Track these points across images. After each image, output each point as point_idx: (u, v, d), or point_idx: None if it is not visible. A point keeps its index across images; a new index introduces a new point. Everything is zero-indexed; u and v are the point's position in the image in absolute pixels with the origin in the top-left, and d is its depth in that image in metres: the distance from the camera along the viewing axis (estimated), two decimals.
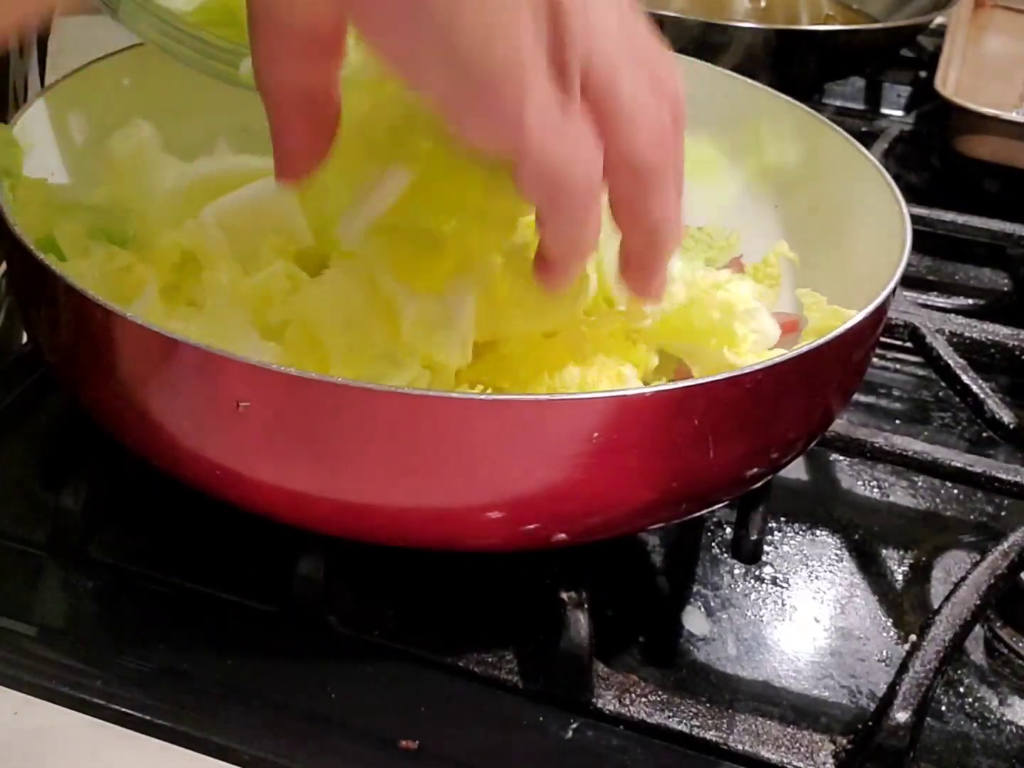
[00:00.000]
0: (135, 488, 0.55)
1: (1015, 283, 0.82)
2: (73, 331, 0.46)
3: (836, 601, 0.55)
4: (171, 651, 0.48)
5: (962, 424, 0.69)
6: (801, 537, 0.59)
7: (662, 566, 0.56)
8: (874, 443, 0.58)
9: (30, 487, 0.57)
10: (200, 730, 0.45)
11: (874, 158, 0.60)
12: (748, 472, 0.48)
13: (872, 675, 0.51)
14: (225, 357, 0.41)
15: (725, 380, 0.43)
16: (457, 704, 0.48)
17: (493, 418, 0.41)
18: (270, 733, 0.45)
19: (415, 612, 0.51)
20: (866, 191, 0.59)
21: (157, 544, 0.54)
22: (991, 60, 1.04)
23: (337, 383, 0.41)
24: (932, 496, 0.63)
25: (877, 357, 0.73)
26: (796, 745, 0.46)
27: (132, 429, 0.47)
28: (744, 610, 0.54)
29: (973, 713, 0.50)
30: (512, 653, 0.49)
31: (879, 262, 0.54)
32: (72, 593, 0.51)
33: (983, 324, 0.67)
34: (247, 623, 0.50)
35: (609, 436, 0.41)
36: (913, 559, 0.58)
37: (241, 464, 0.44)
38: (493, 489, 0.43)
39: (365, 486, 0.43)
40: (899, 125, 1.01)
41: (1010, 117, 0.86)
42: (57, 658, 0.48)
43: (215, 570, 0.52)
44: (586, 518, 0.45)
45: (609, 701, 0.47)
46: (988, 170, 0.88)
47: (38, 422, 0.60)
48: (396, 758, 0.45)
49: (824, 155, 0.62)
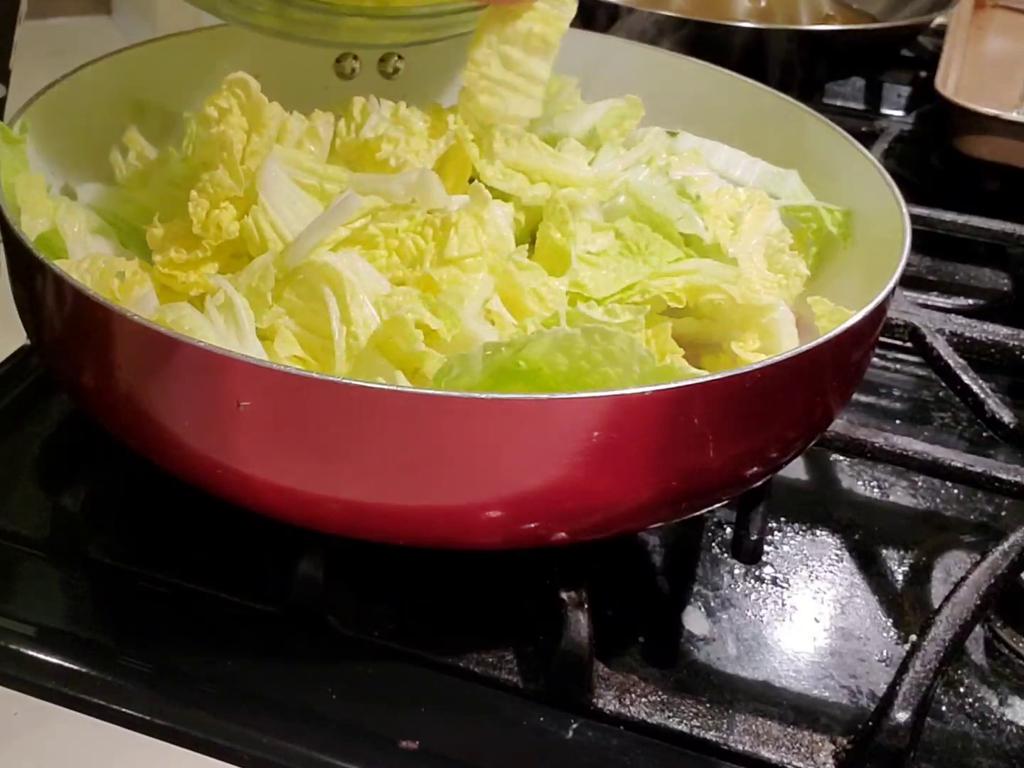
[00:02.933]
0: (135, 488, 0.55)
1: (1015, 283, 0.82)
2: (73, 330, 0.46)
3: (836, 601, 0.55)
4: (171, 651, 0.48)
5: (962, 424, 0.69)
6: (801, 537, 0.59)
7: (662, 566, 0.56)
8: (874, 443, 0.58)
9: (30, 487, 0.57)
10: (200, 730, 0.45)
11: (874, 158, 0.60)
12: (748, 471, 0.48)
13: (872, 675, 0.51)
14: (226, 356, 0.41)
15: (725, 380, 0.43)
16: (457, 704, 0.48)
17: (493, 417, 0.41)
18: (270, 733, 0.45)
19: (415, 612, 0.51)
20: (866, 191, 0.59)
21: (157, 544, 0.54)
22: (991, 60, 1.04)
23: (337, 383, 0.41)
24: (932, 496, 0.63)
25: (877, 357, 0.73)
26: (796, 745, 0.46)
27: (132, 429, 0.47)
28: (744, 610, 0.54)
29: (973, 713, 0.50)
30: (512, 653, 0.49)
31: (879, 262, 0.54)
32: (72, 593, 0.51)
33: (983, 324, 0.67)
34: (247, 623, 0.50)
35: (609, 435, 0.41)
36: (913, 559, 0.58)
37: (241, 463, 0.44)
38: (493, 488, 0.43)
39: (365, 485, 0.43)
40: (899, 125, 1.01)
41: (1010, 117, 0.86)
42: (57, 658, 0.48)
43: (215, 570, 0.52)
44: (586, 517, 0.45)
45: (609, 701, 0.47)
46: (988, 170, 0.88)
47: (38, 422, 0.60)
48: (396, 758, 0.45)
49: (824, 155, 0.62)
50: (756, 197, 0.60)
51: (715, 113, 0.67)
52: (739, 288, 0.53)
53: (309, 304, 0.49)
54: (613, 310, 0.48)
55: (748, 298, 0.53)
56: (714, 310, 0.54)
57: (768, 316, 0.53)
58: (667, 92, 0.67)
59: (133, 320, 0.42)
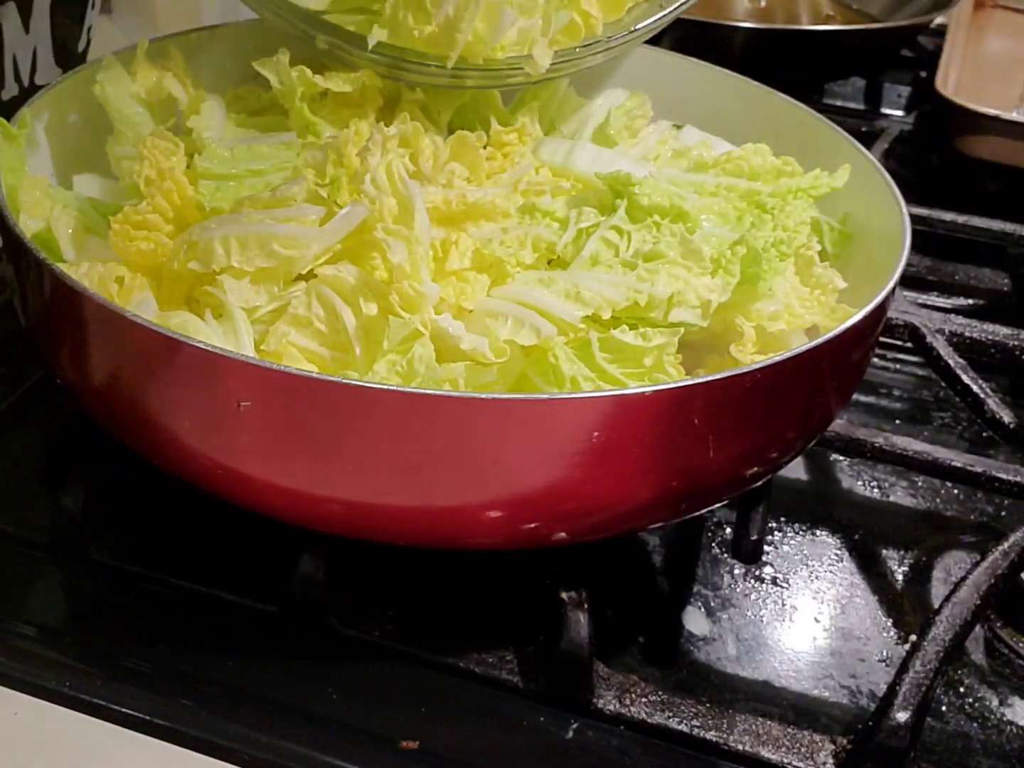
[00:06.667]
0: (135, 488, 0.55)
1: (1015, 283, 0.82)
2: (74, 331, 0.46)
3: (836, 601, 0.55)
4: (171, 651, 0.48)
5: (962, 424, 0.69)
6: (801, 537, 0.59)
7: (662, 566, 0.56)
8: (874, 443, 0.58)
9: (30, 487, 0.57)
10: (200, 730, 0.45)
11: (874, 158, 0.60)
12: (748, 471, 0.48)
13: (872, 675, 0.51)
14: (226, 357, 0.41)
15: (725, 380, 0.43)
16: (457, 704, 0.48)
17: (493, 417, 0.41)
18: (270, 733, 0.45)
19: (415, 612, 0.51)
20: (866, 191, 0.59)
21: (157, 544, 0.54)
22: (991, 60, 1.04)
23: (337, 383, 0.41)
24: (932, 496, 0.63)
25: (877, 357, 0.73)
26: (796, 745, 0.46)
27: (133, 429, 0.47)
28: (744, 610, 0.54)
29: (973, 713, 0.50)
30: (512, 653, 0.49)
31: (879, 262, 0.54)
32: (72, 593, 0.51)
33: (983, 324, 0.67)
34: (247, 623, 0.50)
35: (609, 435, 0.41)
36: (913, 559, 0.58)
37: (241, 463, 0.44)
38: (493, 488, 0.43)
39: (365, 485, 0.43)
40: (899, 125, 1.02)
41: (1010, 117, 0.86)
42: (57, 658, 0.48)
43: (215, 570, 0.52)
44: (586, 517, 0.45)
45: (609, 701, 0.47)
46: (988, 170, 0.88)
47: (38, 423, 0.60)
48: (396, 758, 0.45)
49: (824, 155, 0.62)
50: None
51: (715, 113, 0.67)
52: (784, 319, 0.52)
53: (318, 316, 0.48)
54: (646, 334, 0.47)
55: (793, 324, 0.52)
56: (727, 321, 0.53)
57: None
58: (667, 92, 0.67)
59: (135, 322, 0.42)
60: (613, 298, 0.49)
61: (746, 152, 0.60)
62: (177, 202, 0.51)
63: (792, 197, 0.57)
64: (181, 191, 0.51)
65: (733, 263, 0.50)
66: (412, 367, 0.45)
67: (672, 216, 0.52)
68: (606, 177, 0.54)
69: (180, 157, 0.53)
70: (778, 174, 0.59)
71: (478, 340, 0.47)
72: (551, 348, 0.47)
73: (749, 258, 0.50)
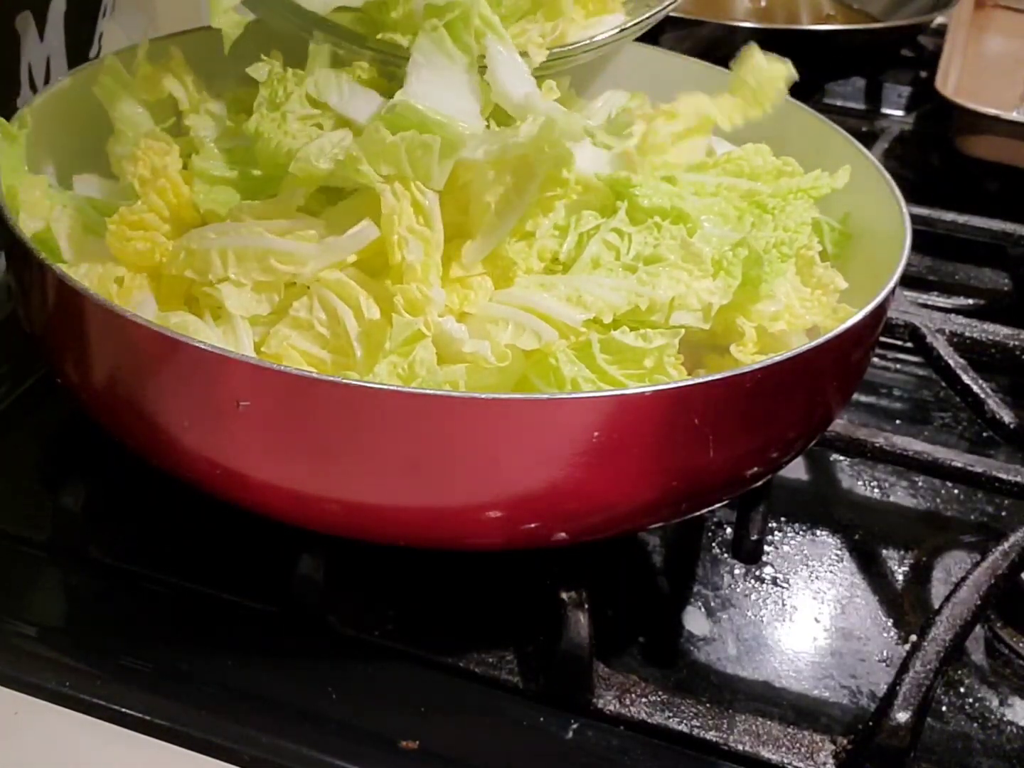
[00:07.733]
0: (135, 488, 0.55)
1: (1015, 283, 0.82)
2: (73, 331, 0.46)
3: (836, 601, 0.55)
4: (171, 651, 0.48)
5: (962, 424, 0.69)
6: (801, 537, 0.59)
7: (662, 566, 0.56)
8: (874, 443, 0.58)
9: (30, 487, 0.57)
10: (200, 730, 0.45)
11: (874, 158, 0.60)
12: (748, 471, 0.48)
13: (872, 675, 0.51)
14: (226, 356, 0.41)
15: (725, 380, 0.42)
16: (457, 704, 0.48)
17: (493, 417, 0.41)
18: (270, 733, 0.45)
19: (415, 612, 0.51)
20: (866, 191, 0.59)
21: (157, 544, 0.54)
22: (991, 60, 1.04)
23: (337, 383, 0.41)
24: (932, 496, 0.63)
25: (877, 357, 0.73)
26: (796, 745, 0.46)
27: (132, 429, 0.47)
28: (744, 610, 0.54)
29: (973, 713, 0.50)
30: (512, 653, 0.49)
31: (879, 262, 0.54)
32: (72, 593, 0.51)
33: (983, 324, 0.67)
34: (247, 623, 0.50)
35: (609, 435, 0.41)
36: (913, 559, 0.58)
37: (241, 463, 0.44)
38: (494, 488, 0.43)
39: (365, 486, 0.43)
40: (899, 125, 1.02)
41: (1010, 117, 0.86)
42: (57, 658, 0.48)
43: (215, 570, 0.52)
44: (586, 517, 0.45)
45: (609, 701, 0.47)
46: (988, 170, 0.88)
47: (38, 423, 0.61)
48: (396, 758, 0.45)
49: (824, 155, 0.62)
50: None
51: None
52: (785, 319, 0.52)
53: (320, 319, 0.48)
54: (646, 335, 0.47)
55: (794, 325, 0.52)
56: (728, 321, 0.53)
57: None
58: (667, 92, 0.66)
59: (135, 321, 0.42)
60: (614, 302, 0.49)
61: (746, 152, 0.60)
62: (173, 200, 0.51)
63: (793, 197, 0.57)
64: (176, 189, 0.51)
65: (735, 265, 0.50)
66: (413, 369, 0.45)
67: (673, 217, 0.52)
68: (606, 178, 0.54)
69: (175, 156, 0.53)
70: (778, 174, 0.59)
71: (480, 343, 0.47)
72: (552, 350, 0.47)
73: (751, 260, 0.50)
